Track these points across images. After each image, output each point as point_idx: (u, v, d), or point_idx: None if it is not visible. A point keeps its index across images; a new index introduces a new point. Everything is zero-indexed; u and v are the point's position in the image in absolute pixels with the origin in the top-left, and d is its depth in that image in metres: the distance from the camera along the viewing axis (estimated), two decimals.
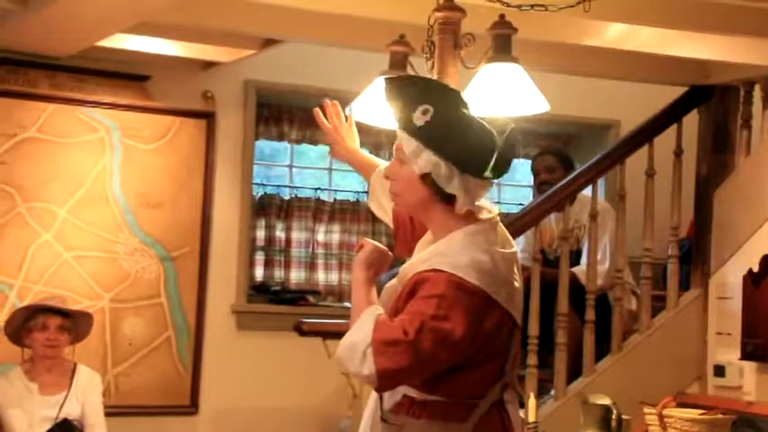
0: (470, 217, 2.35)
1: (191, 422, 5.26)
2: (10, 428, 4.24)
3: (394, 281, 2.43)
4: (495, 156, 2.29)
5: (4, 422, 4.28)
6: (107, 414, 4.47)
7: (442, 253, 2.31)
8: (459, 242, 2.31)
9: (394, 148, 2.37)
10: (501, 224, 2.43)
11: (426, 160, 2.29)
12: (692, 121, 4.94)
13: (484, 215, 2.37)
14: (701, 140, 4.95)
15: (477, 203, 2.37)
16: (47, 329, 4.36)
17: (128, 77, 5.14)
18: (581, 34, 4.24)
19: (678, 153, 4.84)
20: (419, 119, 2.29)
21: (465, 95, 3.03)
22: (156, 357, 5.17)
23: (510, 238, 2.44)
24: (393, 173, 2.38)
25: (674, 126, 4.84)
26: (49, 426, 4.29)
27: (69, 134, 5.01)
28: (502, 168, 2.33)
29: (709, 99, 4.89)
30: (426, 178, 2.31)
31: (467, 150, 2.29)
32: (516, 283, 2.37)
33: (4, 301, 4.85)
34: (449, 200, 2.32)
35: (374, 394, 2.47)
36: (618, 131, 5.94)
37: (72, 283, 4.98)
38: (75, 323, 4.48)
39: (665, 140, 4.84)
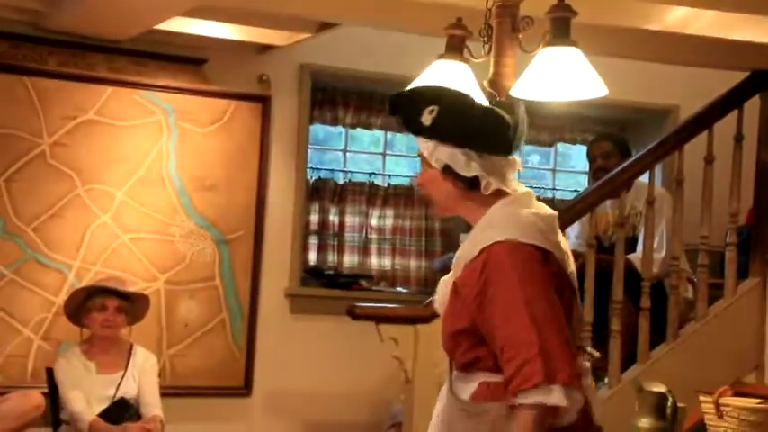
0: (503, 195, 2.43)
1: (244, 404, 5.31)
2: (70, 406, 4.32)
3: (448, 275, 2.48)
4: (509, 131, 2.39)
5: (64, 400, 4.36)
6: (162, 394, 4.54)
7: (486, 226, 2.38)
8: (498, 213, 2.39)
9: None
10: (536, 199, 2.48)
11: (442, 153, 2.41)
12: (753, 106, 4.85)
13: (517, 190, 2.44)
14: (763, 126, 4.85)
15: (507, 182, 2.43)
16: (105, 310, 4.43)
17: (185, 61, 5.19)
18: (641, 18, 4.17)
19: (739, 139, 4.75)
20: (427, 119, 2.41)
21: (523, 79, 3.03)
22: (210, 339, 5.22)
23: (548, 207, 2.47)
24: (420, 179, 2.50)
25: (735, 112, 4.75)
26: (106, 404, 4.36)
27: (127, 117, 5.07)
28: (515, 142, 2.43)
29: None
30: (447, 171, 2.41)
31: (477, 132, 2.40)
32: (563, 246, 2.42)
33: (63, 281, 4.92)
34: (475, 186, 2.41)
35: (444, 391, 2.47)
36: (677, 117, 5.86)
37: (128, 264, 5.04)
38: (132, 305, 4.54)
39: (724, 126, 4.76)
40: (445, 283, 2.48)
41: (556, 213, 2.45)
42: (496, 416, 2.30)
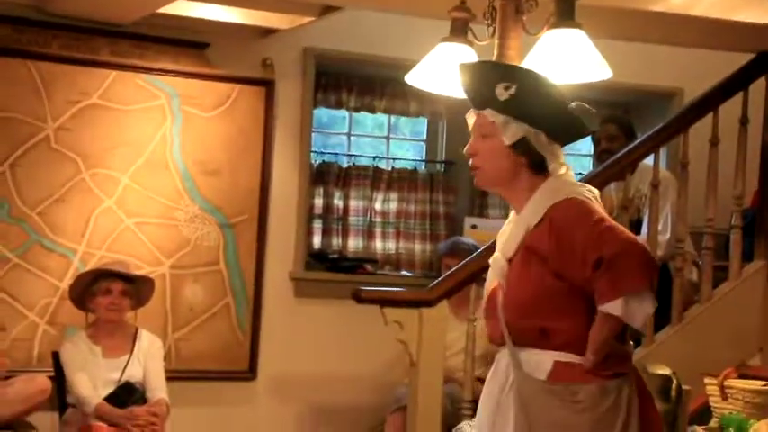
0: (546, 177, 2.52)
1: (249, 387, 5.32)
2: (76, 390, 4.33)
3: (496, 253, 2.55)
4: (578, 122, 2.51)
5: (70, 384, 4.37)
6: (167, 378, 4.55)
7: (541, 198, 2.47)
8: (552, 185, 2.49)
9: (473, 126, 2.53)
10: None
11: (518, 129, 2.47)
12: (758, 88, 4.83)
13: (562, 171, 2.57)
14: None
15: (562, 167, 2.54)
16: (110, 294, 4.44)
17: (188, 45, 5.17)
18: (646, 0, 4.16)
19: (744, 121, 4.74)
20: (502, 94, 2.46)
21: (527, 61, 3.02)
22: (215, 323, 5.23)
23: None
24: (476, 148, 2.54)
25: (740, 94, 4.74)
26: (112, 388, 4.38)
27: (131, 101, 5.06)
28: (575, 138, 2.59)
29: None
30: (518, 146, 2.48)
31: (552, 118, 2.48)
32: None
33: (67, 265, 4.93)
34: (535, 166, 2.50)
35: (502, 368, 2.49)
36: (681, 99, 5.85)
37: (133, 248, 5.04)
38: (137, 288, 4.55)
39: (729, 109, 4.74)
40: (497, 262, 2.54)
41: (597, 192, 2.58)
42: (588, 395, 2.37)
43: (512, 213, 2.60)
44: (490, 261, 2.58)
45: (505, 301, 2.48)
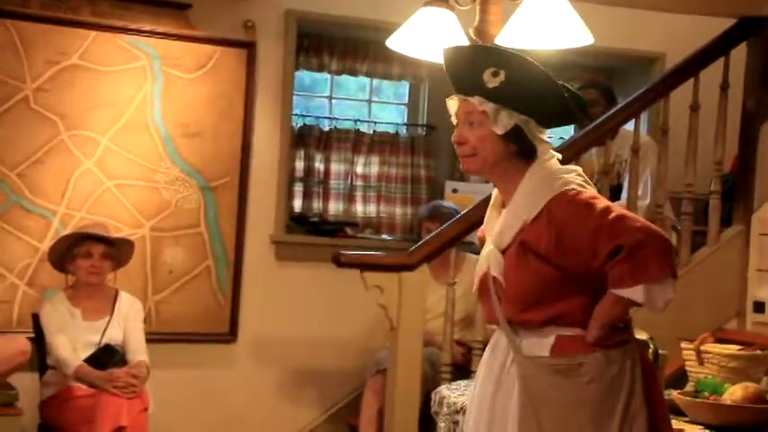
0: (532, 162, 2.46)
1: (229, 350, 5.33)
2: (56, 352, 4.34)
3: (490, 246, 2.48)
4: (568, 107, 2.44)
5: (49, 346, 4.37)
6: (147, 340, 4.55)
7: (535, 187, 2.40)
8: (543, 173, 2.43)
9: (459, 113, 2.45)
10: None
11: (509, 118, 2.40)
12: (740, 54, 4.84)
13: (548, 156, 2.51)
14: (749, 74, 4.84)
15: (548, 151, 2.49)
16: (91, 257, 4.43)
17: (169, 5, 5.13)
18: None
19: (725, 87, 4.74)
20: (491, 81, 2.38)
21: (509, 27, 3.02)
22: (195, 286, 5.23)
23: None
24: (464, 136, 2.45)
25: (722, 59, 4.74)
26: (92, 350, 4.38)
27: (111, 62, 5.02)
28: (570, 120, 2.57)
29: (759, 31, 4.77)
30: (510, 135, 2.40)
31: (542, 106, 2.42)
32: None
33: (47, 227, 4.91)
34: (525, 154, 2.44)
35: (500, 353, 2.46)
36: (663, 64, 5.85)
37: (113, 210, 5.03)
38: (117, 250, 4.54)
39: (711, 74, 4.75)
40: (488, 256, 2.47)
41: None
42: (593, 364, 2.35)
43: (494, 192, 2.55)
44: (483, 254, 2.52)
45: (507, 297, 2.43)
